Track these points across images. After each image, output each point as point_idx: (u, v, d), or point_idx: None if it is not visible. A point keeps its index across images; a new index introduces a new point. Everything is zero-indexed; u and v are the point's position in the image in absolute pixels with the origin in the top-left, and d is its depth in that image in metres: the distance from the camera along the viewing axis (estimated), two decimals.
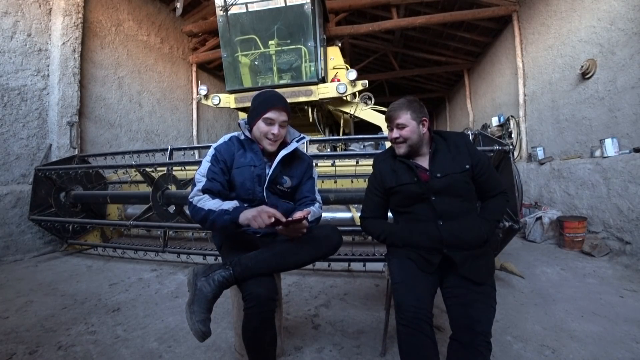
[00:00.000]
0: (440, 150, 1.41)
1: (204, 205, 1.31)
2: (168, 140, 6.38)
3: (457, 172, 1.35)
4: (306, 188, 1.57)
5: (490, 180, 1.43)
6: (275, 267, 1.32)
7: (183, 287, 2.56)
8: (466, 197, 1.37)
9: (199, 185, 1.39)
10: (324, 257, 1.44)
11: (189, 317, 1.16)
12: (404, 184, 1.40)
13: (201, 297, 1.19)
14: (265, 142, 1.46)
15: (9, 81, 3.71)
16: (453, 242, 1.29)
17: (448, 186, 1.34)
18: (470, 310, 1.17)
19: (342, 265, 2.78)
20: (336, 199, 2.64)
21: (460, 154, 1.39)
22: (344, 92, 4.34)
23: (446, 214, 1.33)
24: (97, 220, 3.65)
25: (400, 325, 1.17)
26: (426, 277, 1.29)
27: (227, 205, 1.30)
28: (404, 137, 1.38)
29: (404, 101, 1.42)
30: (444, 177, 1.34)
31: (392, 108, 1.42)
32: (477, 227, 1.34)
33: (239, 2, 4.39)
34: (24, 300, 2.34)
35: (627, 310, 2.05)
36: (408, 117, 1.38)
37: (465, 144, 1.43)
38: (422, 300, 1.19)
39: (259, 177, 1.46)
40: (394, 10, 6.01)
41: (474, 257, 1.29)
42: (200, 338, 1.14)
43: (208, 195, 1.36)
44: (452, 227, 1.31)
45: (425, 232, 1.33)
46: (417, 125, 1.38)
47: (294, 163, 1.56)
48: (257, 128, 1.46)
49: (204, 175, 1.41)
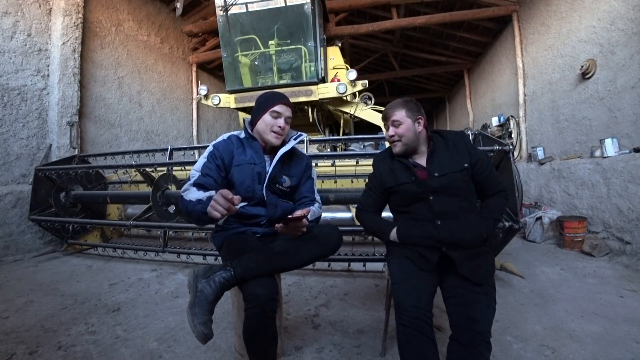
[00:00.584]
0: (438, 149, 1.41)
1: (187, 196, 1.32)
2: (168, 140, 6.38)
3: (456, 171, 1.35)
4: (305, 188, 1.58)
5: (489, 179, 1.42)
6: (276, 267, 1.32)
7: (183, 287, 2.56)
8: (465, 196, 1.36)
9: (191, 179, 1.41)
10: (324, 257, 1.44)
11: (190, 320, 1.15)
12: (402, 183, 1.40)
13: (202, 299, 1.19)
14: (270, 136, 1.47)
15: (9, 81, 3.71)
16: (452, 241, 1.28)
17: (446, 185, 1.33)
18: (470, 310, 1.17)
19: (342, 265, 2.78)
20: (336, 199, 2.64)
21: (459, 153, 1.39)
22: (344, 92, 4.34)
23: (444, 213, 1.32)
24: (97, 220, 3.65)
25: (400, 325, 1.16)
26: (426, 277, 1.28)
27: (204, 194, 1.27)
28: (399, 134, 1.39)
29: (400, 100, 1.44)
30: (442, 176, 1.34)
31: (388, 107, 1.45)
32: (476, 226, 1.33)
33: (239, 2, 4.39)
34: (24, 300, 2.34)
35: (627, 310, 2.04)
36: (403, 114, 1.39)
37: (465, 142, 1.42)
38: (421, 300, 1.19)
39: (259, 174, 1.46)
40: (394, 10, 6.01)
41: (473, 256, 1.27)
42: (202, 340, 1.14)
43: (195, 188, 1.36)
44: (451, 226, 1.30)
45: (423, 231, 1.33)
46: (413, 123, 1.39)
47: (293, 162, 1.57)
48: (263, 121, 1.47)
49: (198, 170, 1.43)
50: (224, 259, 1.45)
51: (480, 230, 1.32)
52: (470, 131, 3.07)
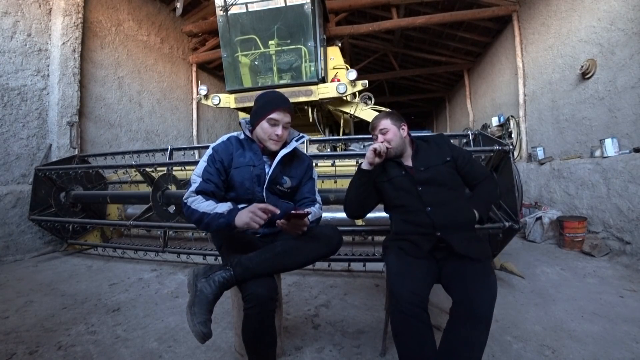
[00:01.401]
0: (422, 149, 1.60)
1: (198, 207, 1.31)
2: (168, 140, 6.38)
3: (439, 164, 1.51)
4: (306, 189, 1.58)
5: (474, 170, 1.56)
6: (276, 267, 1.32)
7: (183, 287, 2.56)
8: (452, 186, 1.49)
9: (193, 186, 1.39)
10: (324, 257, 1.44)
11: (189, 319, 1.15)
12: (393, 176, 1.55)
13: (202, 299, 1.19)
14: (269, 143, 1.47)
15: (9, 81, 3.71)
16: (444, 224, 1.38)
17: (432, 177, 1.48)
18: (470, 284, 1.19)
19: (342, 265, 2.78)
20: (336, 199, 2.64)
21: (441, 150, 1.57)
22: (344, 92, 4.34)
23: (434, 202, 1.44)
24: (97, 220, 3.65)
25: (395, 312, 1.16)
26: (422, 267, 1.32)
27: (221, 208, 1.29)
28: (387, 140, 1.53)
29: (383, 113, 1.65)
30: (427, 169, 1.50)
31: (374, 119, 1.63)
32: (467, 208, 1.45)
33: (239, 2, 4.39)
34: (24, 300, 2.34)
35: (627, 310, 2.05)
36: (389, 122, 1.57)
37: (445, 142, 1.61)
38: (417, 286, 1.20)
39: (258, 177, 1.46)
40: (394, 10, 6.01)
41: (469, 239, 1.36)
42: (201, 339, 1.13)
43: (201, 197, 1.36)
44: (442, 211, 1.41)
45: (416, 219, 1.43)
46: (398, 130, 1.56)
47: (294, 163, 1.57)
48: (261, 128, 1.46)
49: (199, 175, 1.42)
50: (223, 259, 1.45)
51: (472, 212, 1.44)
52: (470, 131, 3.07)
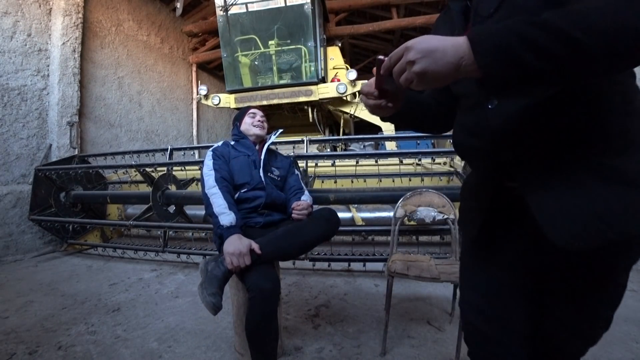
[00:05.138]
0: None
1: (214, 203, 1.43)
2: (168, 140, 6.38)
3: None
4: (292, 180, 1.79)
5: None
6: (283, 250, 1.39)
7: (183, 287, 2.56)
8: None
9: (209, 179, 1.51)
10: (326, 237, 1.54)
11: (200, 293, 1.22)
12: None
13: (212, 277, 1.26)
14: (255, 130, 1.71)
15: (9, 81, 3.71)
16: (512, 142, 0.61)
17: None
18: (563, 333, 0.71)
19: (342, 265, 2.78)
20: (336, 199, 2.64)
21: None
22: (344, 92, 4.34)
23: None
24: (97, 220, 3.65)
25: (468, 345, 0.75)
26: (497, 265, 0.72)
27: (226, 219, 1.37)
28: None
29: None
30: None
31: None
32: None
33: (239, 2, 4.39)
34: (24, 300, 2.34)
35: (627, 310, 2.04)
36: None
37: None
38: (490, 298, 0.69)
39: (254, 162, 1.67)
40: (394, 10, 6.01)
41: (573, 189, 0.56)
42: (212, 310, 1.19)
43: (220, 192, 1.46)
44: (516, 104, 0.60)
45: (468, 120, 0.71)
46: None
47: (279, 157, 1.84)
48: (245, 123, 1.74)
49: (211, 169, 1.55)
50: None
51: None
52: None
